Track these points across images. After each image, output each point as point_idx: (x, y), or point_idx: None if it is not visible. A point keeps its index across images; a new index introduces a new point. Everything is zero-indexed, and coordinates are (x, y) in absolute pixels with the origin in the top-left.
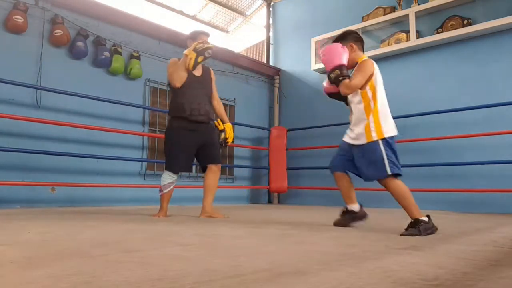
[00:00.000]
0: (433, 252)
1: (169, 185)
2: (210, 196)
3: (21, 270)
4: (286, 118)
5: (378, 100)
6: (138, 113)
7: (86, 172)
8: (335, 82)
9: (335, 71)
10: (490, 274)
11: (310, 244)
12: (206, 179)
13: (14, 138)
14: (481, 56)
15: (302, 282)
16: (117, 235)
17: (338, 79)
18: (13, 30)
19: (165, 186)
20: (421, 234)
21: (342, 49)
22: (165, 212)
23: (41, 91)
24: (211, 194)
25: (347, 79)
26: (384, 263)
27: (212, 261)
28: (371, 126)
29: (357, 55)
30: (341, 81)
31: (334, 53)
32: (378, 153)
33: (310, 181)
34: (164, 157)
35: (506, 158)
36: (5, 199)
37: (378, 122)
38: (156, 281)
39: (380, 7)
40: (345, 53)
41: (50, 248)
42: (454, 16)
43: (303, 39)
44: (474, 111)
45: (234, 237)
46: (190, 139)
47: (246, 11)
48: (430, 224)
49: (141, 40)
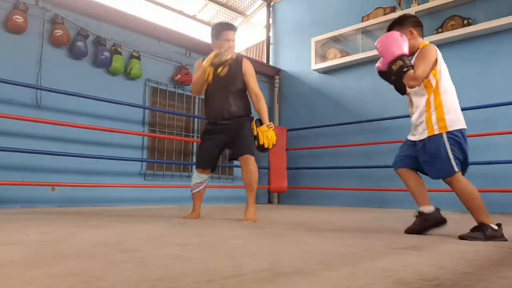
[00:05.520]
0: (433, 252)
1: (197, 185)
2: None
3: (21, 270)
4: (286, 118)
5: (441, 89)
6: (138, 113)
7: (86, 172)
8: (398, 74)
9: (397, 62)
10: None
11: (310, 244)
12: (242, 177)
13: (14, 138)
14: (481, 56)
15: (302, 282)
16: (117, 235)
17: (402, 70)
18: (13, 30)
19: (193, 186)
20: (484, 240)
21: (401, 37)
22: (197, 213)
23: (41, 91)
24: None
25: (412, 70)
26: (384, 263)
27: (212, 261)
28: (432, 119)
29: (417, 41)
30: (406, 72)
31: (393, 42)
32: (442, 148)
33: (310, 181)
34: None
35: (506, 158)
36: (5, 199)
37: (442, 114)
38: (156, 281)
39: (380, 7)
40: (404, 42)
41: (50, 248)
42: (454, 16)
43: (303, 39)
44: (474, 111)
45: (234, 237)
46: (214, 139)
47: (246, 11)
48: (499, 233)
49: (141, 40)
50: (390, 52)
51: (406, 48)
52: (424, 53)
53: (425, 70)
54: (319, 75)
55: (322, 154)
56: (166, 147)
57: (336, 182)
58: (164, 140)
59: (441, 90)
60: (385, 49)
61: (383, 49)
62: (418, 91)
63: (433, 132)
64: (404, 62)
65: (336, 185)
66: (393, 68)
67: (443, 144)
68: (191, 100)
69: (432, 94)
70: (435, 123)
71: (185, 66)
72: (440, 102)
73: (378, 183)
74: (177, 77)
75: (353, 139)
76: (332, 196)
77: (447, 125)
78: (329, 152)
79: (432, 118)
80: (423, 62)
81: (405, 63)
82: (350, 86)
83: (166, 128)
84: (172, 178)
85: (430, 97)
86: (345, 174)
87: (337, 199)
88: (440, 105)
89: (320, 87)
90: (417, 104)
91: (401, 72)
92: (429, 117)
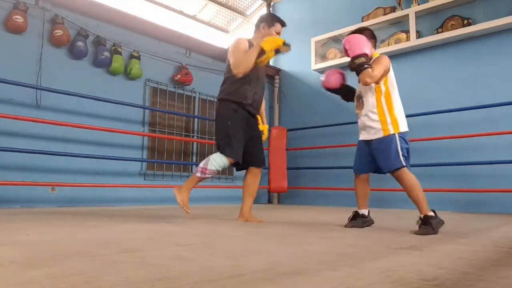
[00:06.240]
0: (433, 252)
1: (213, 172)
2: (250, 199)
3: (21, 270)
4: (286, 118)
5: (393, 95)
6: (138, 113)
7: (86, 172)
8: (358, 68)
9: (360, 58)
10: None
11: (310, 244)
12: (248, 181)
13: (14, 138)
14: (481, 56)
15: (302, 282)
16: (117, 235)
17: (363, 66)
18: (13, 30)
19: (210, 171)
20: (435, 231)
21: (367, 41)
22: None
23: (41, 91)
24: (252, 197)
25: (370, 68)
26: (384, 263)
27: (212, 261)
28: (387, 120)
29: (372, 51)
30: (366, 69)
31: (361, 41)
32: (394, 145)
33: (310, 181)
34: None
35: (506, 158)
36: (5, 199)
37: (394, 117)
38: (156, 281)
39: (380, 7)
40: (369, 45)
41: (50, 248)
42: (454, 16)
43: (303, 39)
44: (474, 111)
45: (234, 237)
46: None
47: (246, 11)
48: (438, 219)
49: (141, 40)
50: (359, 48)
51: (369, 51)
52: (381, 60)
53: (380, 72)
54: (319, 75)
55: (322, 154)
56: (166, 147)
57: (336, 182)
58: (164, 140)
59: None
60: (354, 45)
61: (351, 45)
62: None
63: (389, 132)
64: (366, 59)
65: (336, 185)
66: (356, 61)
67: (395, 142)
68: (191, 100)
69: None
70: (389, 123)
71: (185, 66)
72: (393, 106)
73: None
74: (177, 77)
75: (353, 139)
76: (332, 196)
77: (399, 127)
78: (329, 152)
79: (387, 120)
80: (380, 66)
81: (367, 61)
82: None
83: (166, 128)
84: (172, 178)
85: (382, 100)
86: (345, 174)
87: (337, 199)
88: (392, 109)
89: (320, 87)
90: (369, 107)
91: (362, 68)
92: (384, 119)
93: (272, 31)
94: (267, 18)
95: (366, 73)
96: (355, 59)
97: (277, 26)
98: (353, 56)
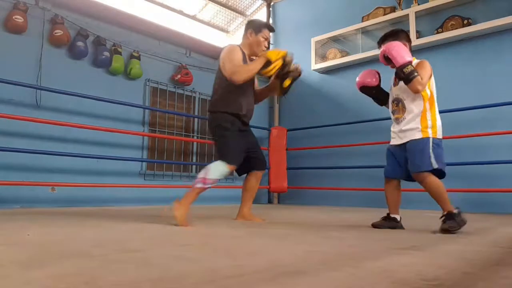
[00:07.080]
0: (433, 252)
1: (213, 181)
2: (251, 200)
3: (21, 270)
4: (286, 118)
5: (435, 100)
6: (138, 113)
7: (86, 172)
8: (408, 77)
9: (408, 67)
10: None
11: (310, 244)
12: (249, 183)
13: (14, 138)
14: (481, 56)
15: (302, 282)
16: (117, 235)
17: (414, 74)
18: (13, 30)
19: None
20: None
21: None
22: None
23: (41, 91)
24: (252, 198)
25: (419, 76)
26: (384, 263)
27: (212, 261)
28: (429, 124)
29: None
30: (416, 77)
31: (402, 49)
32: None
33: (310, 181)
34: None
35: (506, 158)
36: (5, 199)
37: (435, 122)
38: (156, 281)
39: (380, 7)
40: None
41: (50, 248)
42: (454, 16)
43: (303, 39)
44: (474, 111)
45: (234, 237)
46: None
47: (246, 11)
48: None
49: (141, 40)
50: (402, 57)
51: (410, 57)
52: (425, 65)
53: (427, 79)
54: (319, 75)
55: (322, 154)
56: (166, 147)
57: (336, 182)
58: (164, 140)
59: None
60: (397, 53)
61: (396, 53)
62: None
63: (428, 135)
64: (414, 68)
65: (336, 185)
66: (405, 71)
67: (428, 144)
68: (191, 100)
69: (428, 102)
70: (430, 127)
71: (185, 66)
72: (435, 111)
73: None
74: (177, 77)
75: (353, 139)
76: (332, 196)
77: (437, 131)
78: (329, 152)
79: (428, 124)
80: (425, 71)
81: (415, 68)
82: (350, 86)
83: (166, 128)
84: (172, 178)
85: (426, 104)
86: (345, 174)
87: (337, 199)
88: (434, 114)
89: (320, 87)
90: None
91: (412, 76)
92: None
93: (259, 38)
94: (253, 24)
95: (416, 81)
96: (403, 68)
97: (264, 32)
98: (399, 66)
